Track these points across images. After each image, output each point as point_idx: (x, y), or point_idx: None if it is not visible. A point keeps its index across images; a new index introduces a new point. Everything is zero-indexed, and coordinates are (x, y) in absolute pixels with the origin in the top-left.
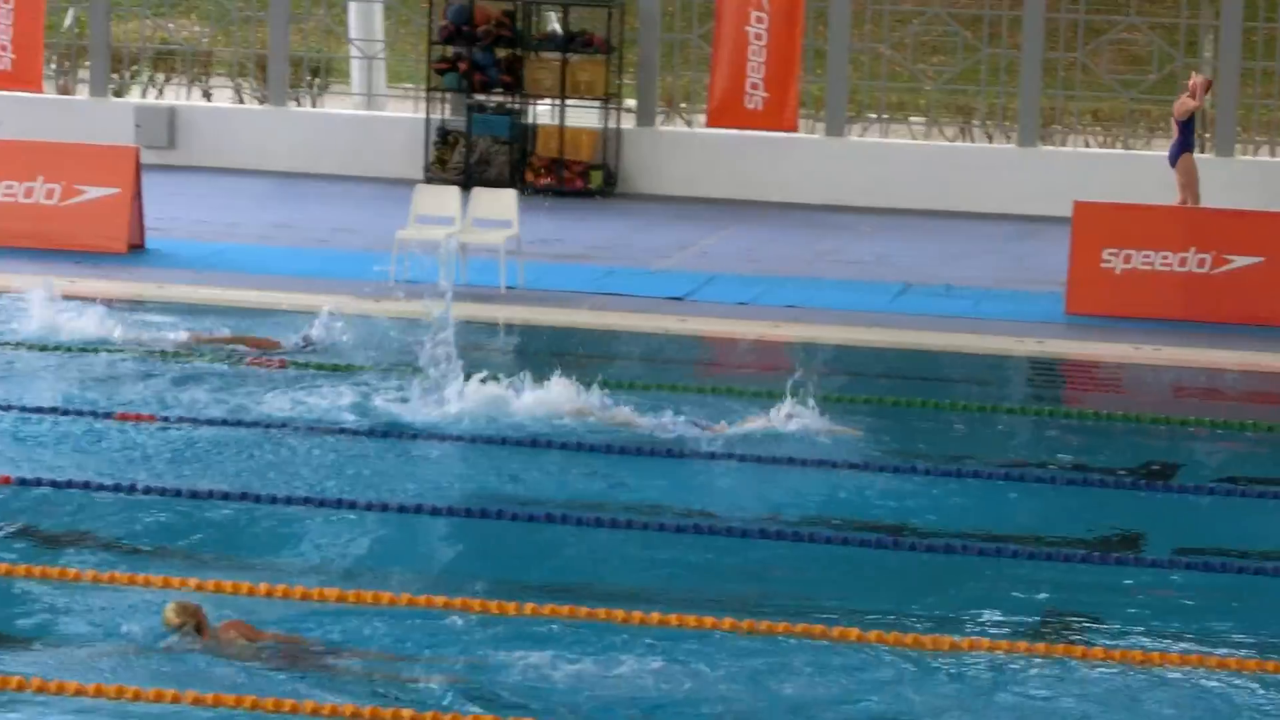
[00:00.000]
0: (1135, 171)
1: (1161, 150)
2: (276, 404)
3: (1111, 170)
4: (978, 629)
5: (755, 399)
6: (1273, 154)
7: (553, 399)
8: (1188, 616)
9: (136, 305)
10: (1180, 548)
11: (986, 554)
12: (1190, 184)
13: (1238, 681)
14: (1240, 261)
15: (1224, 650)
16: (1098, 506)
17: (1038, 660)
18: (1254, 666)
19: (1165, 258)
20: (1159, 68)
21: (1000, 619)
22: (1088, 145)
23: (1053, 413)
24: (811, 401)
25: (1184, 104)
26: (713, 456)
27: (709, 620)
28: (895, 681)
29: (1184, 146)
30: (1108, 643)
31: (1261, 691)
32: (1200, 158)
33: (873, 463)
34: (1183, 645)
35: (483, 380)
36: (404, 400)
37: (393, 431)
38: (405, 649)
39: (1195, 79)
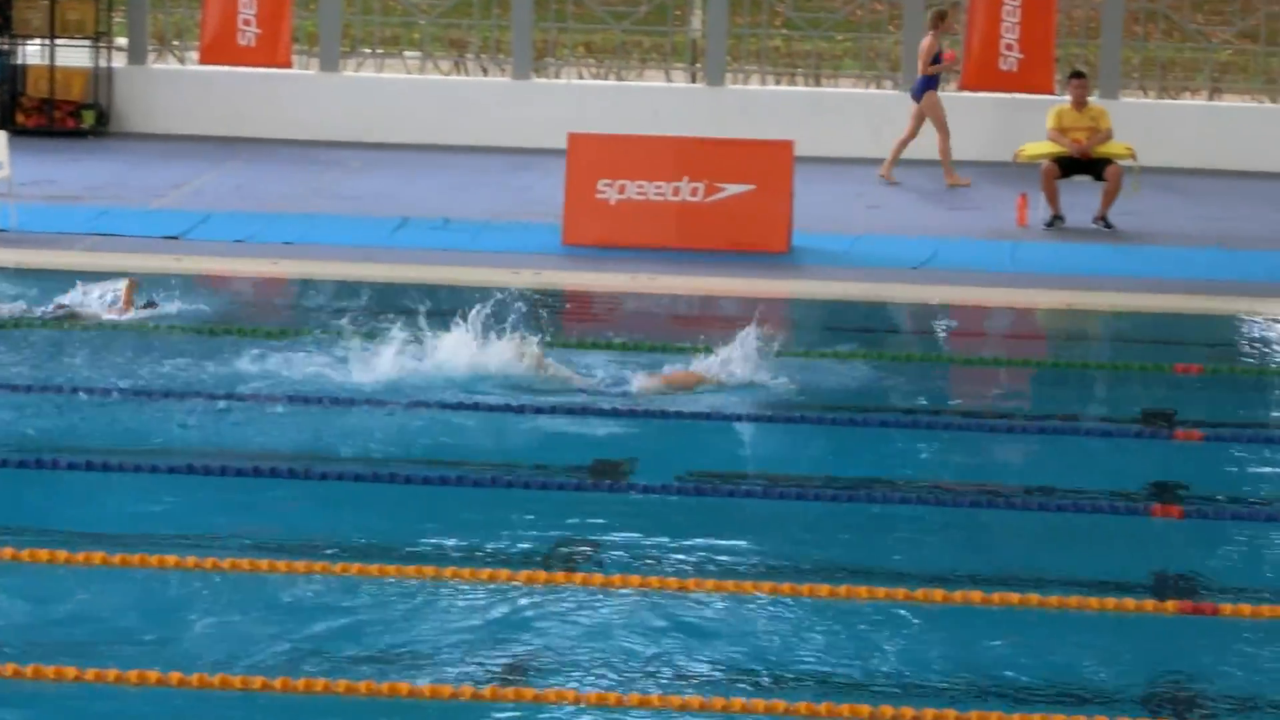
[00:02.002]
0: (628, 103)
1: (654, 81)
2: None
3: (605, 102)
4: (481, 559)
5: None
6: (762, 83)
7: None
8: (679, 540)
9: None
10: (677, 473)
11: (482, 484)
12: (918, 119)
13: (736, 601)
14: (732, 190)
15: (720, 571)
16: (592, 433)
17: (540, 588)
18: (751, 588)
19: (659, 187)
20: None
21: (504, 548)
22: (581, 77)
23: (550, 343)
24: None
25: (926, 46)
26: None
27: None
28: (403, 614)
29: (926, 84)
30: (611, 569)
31: (758, 610)
32: (691, 87)
33: (374, 398)
34: (676, 567)
35: None
36: None
37: None
38: None
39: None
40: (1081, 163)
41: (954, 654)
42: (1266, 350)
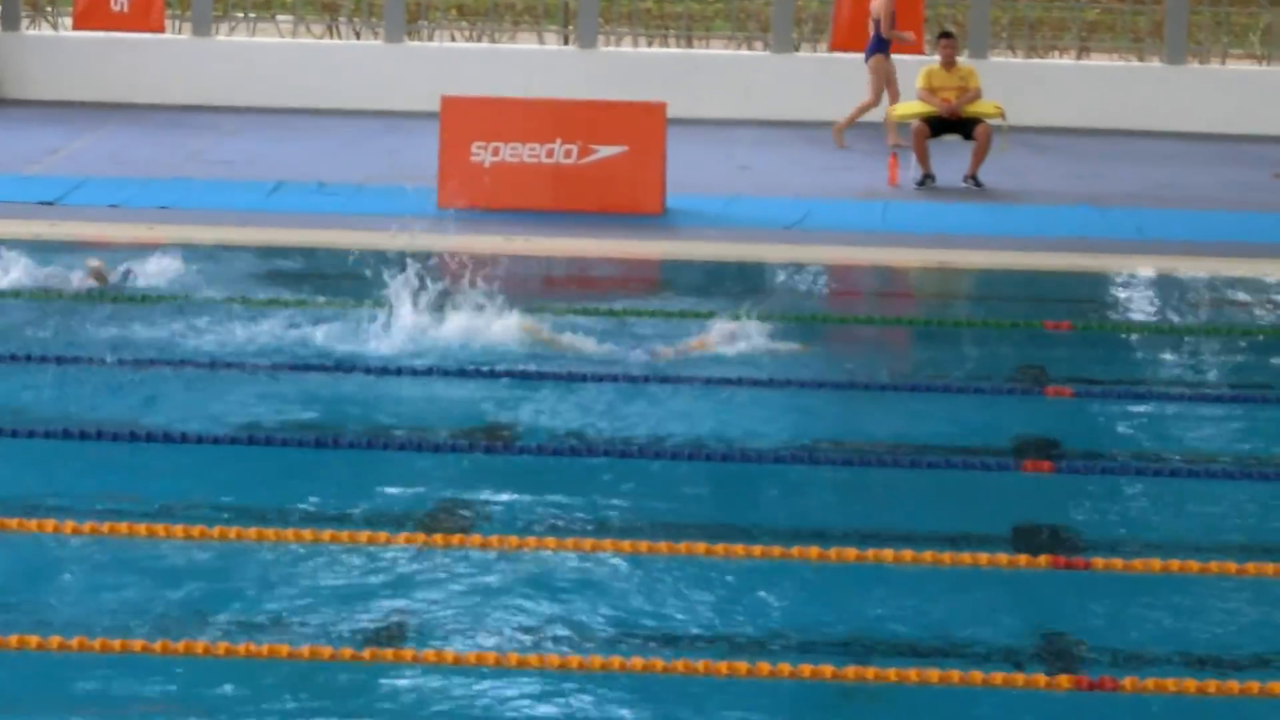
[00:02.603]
0: (501, 65)
1: (527, 44)
2: None
3: (478, 64)
4: (359, 522)
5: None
6: (634, 45)
7: None
8: (553, 501)
9: None
10: (552, 433)
11: (358, 446)
12: (887, 83)
13: (613, 561)
14: (605, 152)
15: (597, 530)
16: (479, 396)
17: (421, 549)
18: (629, 547)
19: (533, 150)
20: None
21: (382, 510)
22: (454, 40)
23: (430, 306)
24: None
25: (882, 5)
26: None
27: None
28: (282, 578)
29: (877, 47)
30: (486, 530)
31: (636, 569)
32: (563, 49)
33: (265, 364)
34: (557, 528)
35: None
36: None
37: None
38: None
39: None
40: (951, 122)
41: (828, 611)
42: (1135, 307)
